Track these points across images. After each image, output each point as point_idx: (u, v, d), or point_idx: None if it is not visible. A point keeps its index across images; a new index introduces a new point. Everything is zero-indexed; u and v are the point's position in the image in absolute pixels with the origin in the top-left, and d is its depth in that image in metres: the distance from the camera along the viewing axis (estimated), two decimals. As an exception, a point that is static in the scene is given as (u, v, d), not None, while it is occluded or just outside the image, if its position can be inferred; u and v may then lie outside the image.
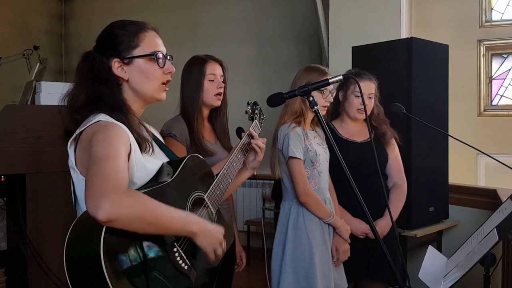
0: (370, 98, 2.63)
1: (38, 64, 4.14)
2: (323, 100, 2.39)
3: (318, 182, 2.42)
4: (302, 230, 2.37)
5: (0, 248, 3.47)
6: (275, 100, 1.79)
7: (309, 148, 2.39)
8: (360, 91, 1.93)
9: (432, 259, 2.09)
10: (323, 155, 2.45)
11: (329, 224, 2.42)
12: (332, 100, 2.46)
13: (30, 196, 2.83)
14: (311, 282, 2.30)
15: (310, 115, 2.45)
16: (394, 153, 2.73)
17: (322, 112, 2.44)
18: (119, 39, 1.46)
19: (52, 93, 3.01)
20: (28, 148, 2.80)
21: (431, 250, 2.17)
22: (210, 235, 1.38)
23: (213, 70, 2.25)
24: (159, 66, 1.47)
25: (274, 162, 2.46)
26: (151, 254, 1.27)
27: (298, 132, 2.38)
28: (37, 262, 2.79)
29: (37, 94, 3.12)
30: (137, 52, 1.46)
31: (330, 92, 2.42)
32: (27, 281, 2.84)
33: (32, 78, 3.58)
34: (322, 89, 2.32)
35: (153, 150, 1.50)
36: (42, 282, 2.84)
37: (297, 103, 2.40)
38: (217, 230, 1.42)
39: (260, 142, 1.88)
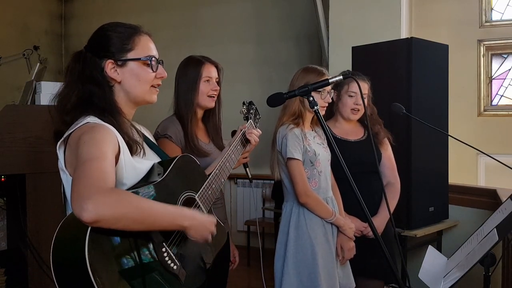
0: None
1: (38, 64, 4.13)
2: (321, 100, 2.39)
3: (318, 182, 2.42)
4: (303, 230, 2.37)
5: (0, 248, 3.47)
6: (275, 100, 1.79)
7: (308, 149, 2.39)
8: (360, 91, 1.93)
9: (432, 259, 2.09)
10: (323, 154, 2.45)
11: (332, 223, 2.42)
12: (330, 100, 2.47)
13: (30, 196, 2.83)
14: (314, 282, 2.29)
15: (309, 116, 2.45)
16: (387, 153, 2.75)
17: (322, 112, 2.45)
18: (113, 40, 1.46)
19: (52, 93, 3.00)
20: (28, 148, 2.80)
21: (431, 250, 2.17)
22: (201, 227, 1.39)
23: (209, 73, 2.24)
24: (152, 70, 1.48)
25: (273, 164, 2.47)
26: (139, 254, 1.27)
27: (296, 133, 2.38)
28: (37, 262, 2.79)
29: (37, 94, 3.13)
30: (131, 55, 1.46)
31: (328, 92, 2.43)
32: (27, 281, 2.84)
33: (32, 78, 3.57)
34: (320, 89, 2.33)
35: (144, 153, 1.50)
36: (42, 282, 2.84)
37: (295, 104, 2.41)
38: (208, 221, 1.43)
39: (255, 136, 1.97)
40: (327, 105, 2.45)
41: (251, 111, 2.09)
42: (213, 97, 2.24)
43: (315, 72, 2.42)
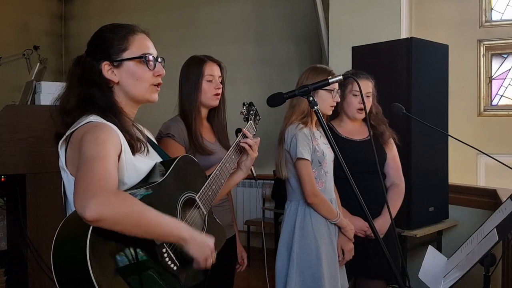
0: (367, 97, 2.64)
1: (38, 64, 4.13)
2: (331, 99, 2.40)
3: (324, 183, 2.42)
4: (309, 230, 2.36)
5: (0, 248, 3.47)
6: (275, 100, 1.79)
7: (317, 149, 2.39)
8: (360, 91, 1.94)
9: (432, 259, 2.09)
10: (329, 155, 2.45)
11: (335, 224, 2.42)
12: (339, 99, 2.46)
13: (30, 196, 2.82)
14: (318, 283, 2.29)
15: None
16: (392, 153, 2.74)
17: (329, 111, 2.46)
18: (108, 42, 1.46)
19: (52, 93, 2.98)
20: (28, 148, 2.80)
21: (431, 250, 2.17)
22: (201, 243, 1.37)
23: (212, 71, 2.23)
24: (149, 68, 1.47)
25: (281, 163, 2.45)
26: (139, 254, 1.27)
27: (306, 133, 2.38)
28: (37, 262, 2.79)
29: (37, 94, 3.12)
30: (126, 54, 1.45)
31: (337, 91, 2.43)
32: (27, 281, 2.84)
33: (32, 78, 3.57)
34: (331, 88, 2.33)
35: (148, 150, 1.50)
36: (42, 282, 2.83)
37: (305, 103, 2.38)
38: (208, 239, 1.41)
39: (249, 141, 1.89)
40: (335, 104, 2.46)
41: (251, 112, 2.09)
42: (217, 95, 2.24)
43: (325, 72, 2.41)
